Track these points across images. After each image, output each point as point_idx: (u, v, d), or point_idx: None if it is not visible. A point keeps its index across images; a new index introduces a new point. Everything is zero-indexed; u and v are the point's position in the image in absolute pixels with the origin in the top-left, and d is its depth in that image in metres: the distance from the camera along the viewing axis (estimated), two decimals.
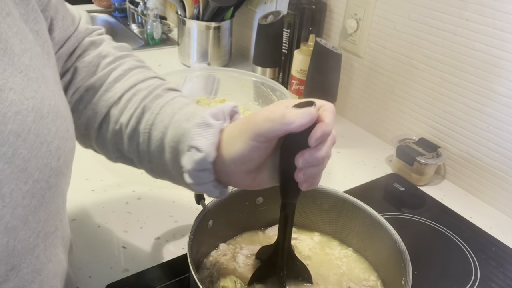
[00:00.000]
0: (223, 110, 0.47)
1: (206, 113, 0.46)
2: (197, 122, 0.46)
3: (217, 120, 0.46)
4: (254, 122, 0.43)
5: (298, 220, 0.64)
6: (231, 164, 0.44)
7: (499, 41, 0.77)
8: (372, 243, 0.61)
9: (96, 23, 1.77)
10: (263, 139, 0.42)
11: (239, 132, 0.44)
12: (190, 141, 0.45)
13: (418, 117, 0.95)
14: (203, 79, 1.07)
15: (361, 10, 1.01)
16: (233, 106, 0.48)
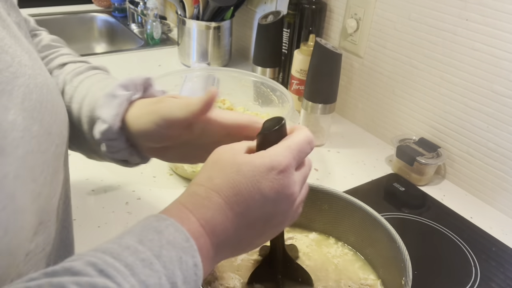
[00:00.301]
0: (135, 81, 0.48)
1: (116, 84, 0.47)
2: (106, 92, 0.47)
3: (127, 91, 0.47)
4: (165, 106, 0.45)
5: (297, 220, 0.63)
6: (136, 137, 0.47)
7: (499, 41, 0.77)
8: (372, 243, 0.61)
9: (96, 23, 1.77)
10: (165, 125, 0.44)
11: (148, 112, 0.45)
12: (97, 111, 0.46)
13: (418, 117, 0.95)
14: (203, 79, 1.07)
15: (361, 10, 1.01)
16: (146, 78, 0.50)
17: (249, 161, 0.37)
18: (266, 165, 0.37)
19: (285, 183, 0.37)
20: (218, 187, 0.37)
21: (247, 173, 0.37)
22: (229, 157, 0.38)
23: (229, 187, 0.37)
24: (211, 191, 0.37)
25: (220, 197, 0.37)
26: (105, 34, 1.77)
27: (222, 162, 0.38)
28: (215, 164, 0.39)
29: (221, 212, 0.36)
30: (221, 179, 0.37)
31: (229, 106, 1.01)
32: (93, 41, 1.77)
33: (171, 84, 1.00)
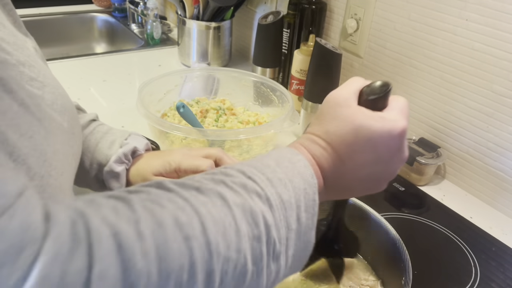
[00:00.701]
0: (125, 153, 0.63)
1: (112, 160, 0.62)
2: (107, 170, 0.62)
3: (121, 163, 0.63)
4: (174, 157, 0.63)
5: None
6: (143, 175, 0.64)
7: (499, 41, 0.77)
8: (372, 243, 0.61)
9: (96, 23, 1.77)
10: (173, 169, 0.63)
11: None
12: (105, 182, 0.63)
13: (418, 117, 0.95)
14: (203, 79, 1.07)
15: (361, 10, 1.01)
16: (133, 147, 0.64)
17: (369, 125, 0.40)
18: (385, 129, 0.40)
19: (401, 146, 0.41)
20: (335, 142, 0.41)
21: (365, 137, 0.40)
22: (347, 113, 0.41)
23: (345, 145, 0.41)
24: (329, 145, 0.42)
25: (336, 152, 0.41)
26: (105, 34, 1.77)
27: (340, 118, 0.41)
28: (332, 118, 0.42)
29: (335, 164, 0.41)
30: (338, 137, 0.41)
31: (229, 106, 1.01)
32: (93, 41, 1.77)
33: (171, 84, 1.00)
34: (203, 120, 0.94)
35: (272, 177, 0.36)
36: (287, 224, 0.35)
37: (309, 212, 0.37)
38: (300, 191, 0.37)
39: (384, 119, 0.40)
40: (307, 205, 0.37)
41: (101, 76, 1.24)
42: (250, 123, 0.95)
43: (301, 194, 0.37)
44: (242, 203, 0.33)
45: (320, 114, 0.44)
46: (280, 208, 0.35)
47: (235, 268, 0.31)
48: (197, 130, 0.80)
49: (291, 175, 0.37)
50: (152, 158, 0.65)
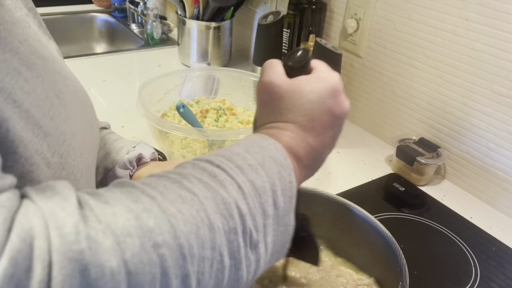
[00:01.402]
0: (130, 159, 0.63)
1: (116, 166, 0.63)
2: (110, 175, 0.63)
3: (126, 169, 0.64)
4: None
5: None
6: None
7: (499, 41, 0.77)
8: (367, 247, 0.61)
9: (96, 23, 1.77)
10: None
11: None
12: None
13: (418, 117, 0.95)
14: (203, 79, 1.07)
15: (361, 10, 1.00)
16: (138, 154, 0.65)
17: (314, 88, 0.41)
18: (329, 88, 0.41)
19: (345, 100, 0.43)
20: (293, 118, 0.41)
21: (317, 98, 0.41)
22: (289, 89, 0.42)
23: (302, 115, 0.41)
24: (288, 124, 0.41)
25: (299, 127, 0.41)
26: (105, 34, 1.77)
27: (285, 96, 0.42)
28: (278, 100, 0.42)
29: (302, 139, 0.41)
30: (293, 112, 0.41)
31: (229, 106, 1.01)
32: (93, 41, 1.77)
33: (171, 84, 1.00)
34: (203, 120, 0.94)
35: (242, 164, 0.35)
36: (263, 211, 0.34)
37: (286, 195, 0.36)
38: (274, 175, 0.36)
39: (321, 78, 0.42)
40: (284, 188, 0.36)
41: (101, 76, 1.24)
42: (250, 123, 0.95)
43: (276, 177, 0.36)
44: (213, 195, 0.32)
45: (263, 104, 0.44)
46: (254, 195, 0.34)
47: (211, 267, 0.30)
48: (197, 130, 0.80)
49: (261, 160, 0.36)
50: (154, 167, 0.66)
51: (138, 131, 0.94)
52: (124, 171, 0.64)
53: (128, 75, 1.30)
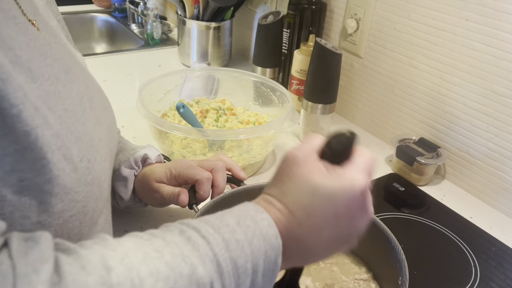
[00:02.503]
0: (136, 159, 0.65)
1: (122, 165, 0.64)
2: (116, 174, 0.64)
3: (131, 168, 0.65)
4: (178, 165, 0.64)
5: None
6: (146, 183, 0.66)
7: (499, 41, 0.77)
8: (367, 243, 0.61)
9: (96, 23, 1.77)
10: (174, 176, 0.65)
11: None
12: (115, 189, 0.65)
13: (418, 117, 0.95)
14: (203, 79, 1.07)
15: (361, 10, 1.01)
16: (144, 154, 0.66)
17: (326, 185, 0.37)
18: (344, 189, 0.37)
19: (363, 204, 0.38)
20: (291, 204, 0.38)
21: (322, 198, 0.37)
22: (303, 173, 0.38)
23: (301, 207, 0.37)
24: (285, 207, 0.38)
25: (292, 214, 0.38)
26: (105, 34, 1.77)
27: (296, 177, 0.38)
28: (288, 177, 0.39)
29: (292, 227, 0.37)
30: (293, 198, 0.38)
31: (229, 106, 1.01)
32: (93, 41, 1.77)
33: (171, 84, 1.00)
34: (203, 120, 0.94)
35: (229, 238, 0.34)
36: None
37: (267, 275, 0.35)
38: (259, 255, 0.35)
39: (342, 177, 0.37)
40: (266, 269, 0.35)
41: (101, 76, 1.23)
42: (250, 123, 0.95)
43: (261, 258, 0.35)
44: (189, 273, 0.31)
45: (277, 173, 0.40)
46: (232, 275, 0.33)
47: None
48: (197, 130, 0.80)
49: (251, 236, 0.35)
50: (157, 166, 0.67)
51: (138, 131, 0.94)
52: (129, 171, 0.65)
53: (128, 75, 1.30)
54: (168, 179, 0.64)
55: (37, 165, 0.33)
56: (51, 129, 0.34)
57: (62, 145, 0.35)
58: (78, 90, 0.40)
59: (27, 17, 0.40)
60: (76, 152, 0.36)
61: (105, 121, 0.45)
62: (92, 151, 0.39)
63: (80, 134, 0.37)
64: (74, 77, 0.40)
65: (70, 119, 0.36)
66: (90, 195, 0.38)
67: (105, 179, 0.42)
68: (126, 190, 0.66)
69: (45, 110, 0.34)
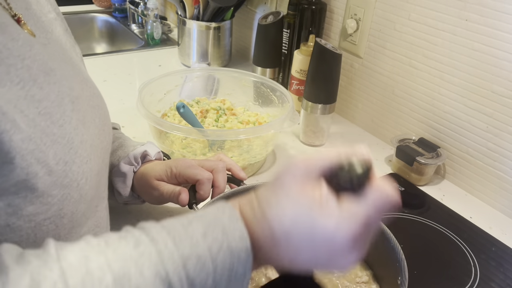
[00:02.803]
0: (135, 155, 0.65)
1: (121, 161, 0.64)
2: (115, 170, 0.64)
3: (130, 164, 0.65)
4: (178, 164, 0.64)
5: None
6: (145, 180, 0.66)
7: (499, 41, 0.77)
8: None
9: (96, 23, 1.77)
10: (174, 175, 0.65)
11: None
12: (114, 184, 0.66)
13: (418, 117, 0.96)
14: (203, 79, 1.07)
15: (361, 10, 1.01)
16: (143, 151, 0.66)
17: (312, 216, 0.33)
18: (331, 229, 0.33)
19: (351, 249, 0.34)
20: (274, 221, 0.35)
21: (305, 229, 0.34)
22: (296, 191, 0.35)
23: (283, 230, 0.34)
24: (265, 219, 0.35)
25: (272, 235, 0.35)
26: (106, 34, 1.77)
27: (288, 193, 0.35)
28: (281, 188, 0.35)
29: (267, 242, 0.35)
30: (279, 215, 0.35)
31: (229, 106, 1.01)
32: (93, 41, 1.77)
33: (171, 84, 1.00)
34: (203, 120, 0.94)
35: (189, 254, 0.32)
36: None
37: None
38: (223, 271, 0.33)
39: (338, 214, 0.33)
40: (232, 283, 0.33)
41: (101, 76, 1.24)
42: (250, 123, 0.95)
43: (225, 273, 0.33)
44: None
45: (275, 178, 0.37)
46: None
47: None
48: (197, 130, 0.80)
49: (216, 251, 0.32)
50: (157, 164, 0.67)
51: (138, 131, 0.94)
52: (128, 167, 0.65)
53: (128, 75, 1.30)
54: (168, 178, 0.64)
55: (4, 170, 0.32)
56: (21, 133, 0.33)
57: (35, 149, 0.34)
58: (59, 92, 0.39)
59: (13, 11, 0.40)
60: (52, 155, 0.36)
61: (93, 120, 0.44)
62: (71, 153, 0.38)
63: (57, 137, 0.37)
64: (56, 78, 0.39)
65: (45, 122, 0.36)
66: (67, 198, 0.38)
67: (87, 181, 0.40)
68: (124, 186, 0.66)
69: (15, 114, 0.33)
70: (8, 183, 0.33)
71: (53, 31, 0.47)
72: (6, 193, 0.33)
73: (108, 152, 0.50)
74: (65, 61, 0.45)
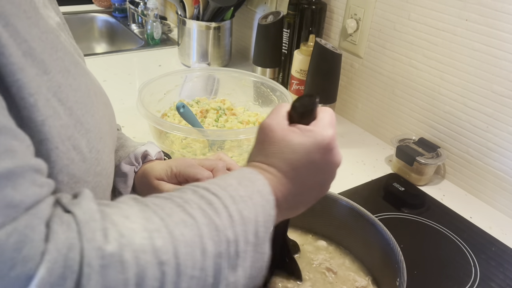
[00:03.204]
0: (136, 155, 0.65)
1: (122, 161, 0.64)
2: (116, 170, 0.63)
3: (131, 165, 0.65)
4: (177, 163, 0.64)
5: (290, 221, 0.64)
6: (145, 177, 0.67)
7: (499, 41, 0.77)
8: (365, 243, 0.61)
9: (96, 23, 1.77)
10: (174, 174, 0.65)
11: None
12: (115, 185, 0.66)
13: (418, 117, 0.96)
14: (203, 79, 1.07)
15: (361, 10, 1.01)
16: (144, 151, 0.66)
17: (302, 142, 0.43)
18: (316, 142, 0.43)
19: (334, 153, 0.44)
20: (278, 164, 0.43)
21: (302, 152, 0.43)
22: (281, 136, 0.44)
23: (285, 164, 0.43)
24: (273, 168, 0.43)
25: (281, 173, 0.43)
26: (106, 34, 1.77)
27: (276, 142, 0.44)
28: (269, 144, 0.44)
29: (282, 183, 0.43)
30: (279, 159, 0.43)
31: (229, 106, 1.01)
32: (93, 41, 1.77)
33: (171, 84, 1.00)
34: (203, 120, 0.94)
35: (235, 195, 0.39)
36: (245, 239, 0.38)
37: (266, 226, 0.40)
38: (259, 207, 0.40)
39: (313, 132, 0.43)
40: (265, 220, 0.40)
41: (101, 76, 1.24)
42: (250, 123, 0.95)
43: (260, 210, 0.40)
44: (208, 222, 0.36)
45: (257, 143, 0.46)
46: (241, 224, 0.38)
47: (198, 284, 0.34)
48: (197, 130, 0.80)
49: (251, 192, 0.40)
50: (158, 163, 0.67)
51: (138, 131, 0.94)
52: (129, 167, 0.65)
53: (128, 75, 1.30)
54: (168, 177, 0.64)
55: (52, 157, 0.35)
56: (60, 120, 0.36)
57: (71, 136, 0.37)
58: (86, 84, 0.41)
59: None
60: (85, 143, 0.38)
61: (105, 117, 0.47)
62: (101, 142, 0.41)
63: (90, 126, 0.39)
64: (82, 71, 0.42)
65: (80, 110, 0.39)
66: (99, 185, 0.41)
67: (111, 171, 0.44)
68: (126, 186, 0.66)
69: (55, 102, 0.36)
70: (54, 170, 0.35)
71: (60, 35, 0.48)
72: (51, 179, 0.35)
73: (114, 149, 0.52)
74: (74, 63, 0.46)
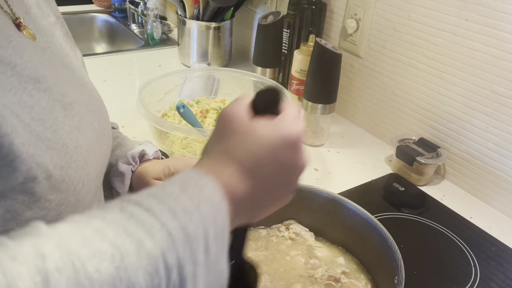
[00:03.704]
0: (133, 154, 0.65)
1: (119, 161, 0.64)
2: (113, 170, 0.64)
3: (128, 164, 0.64)
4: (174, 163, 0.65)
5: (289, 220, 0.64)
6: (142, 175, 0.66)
7: (499, 41, 0.77)
8: (363, 242, 0.61)
9: (96, 23, 1.77)
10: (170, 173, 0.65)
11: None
12: (112, 183, 0.65)
13: (418, 117, 0.96)
14: (203, 79, 1.07)
15: (361, 10, 1.01)
16: (141, 150, 0.65)
17: (267, 134, 0.39)
18: (284, 138, 0.39)
19: (300, 152, 0.41)
20: (239, 158, 0.39)
21: (268, 146, 0.39)
22: (244, 126, 0.39)
23: (247, 158, 0.39)
24: (232, 161, 0.39)
25: (241, 167, 0.38)
26: (106, 34, 1.77)
27: (239, 131, 0.39)
28: (230, 133, 0.40)
29: (242, 181, 0.38)
30: (240, 151, 0.39)
31: None
32: (93, 41, 1.77)
33: (171, 84, 1.00)
34: (203, 120, 0.94)
35: (176, 208, 0.32)
36: (193, 260, 0.31)
37: (219, 240, 0.34)
38: (208, 219, 0.34)
39: (279, 126, 0.39)
40: (217, 233, 0.34)
41: (101, 76, 1.24)
42: None
43: (210, 222, 0.34)
44: (137, 249, 0.29)
45: (216, 133, 0.41)
46: (184, 243, 0.31)
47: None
48: (197, 130, 0.80)
49: (197, 202, 0.34)
50: (155, 163, 0.67)
51: (138, 131, 0.94)
52: (126, 166, 0.65)
53: (128, 75, 1.30)
54: (166, 176, 0.64)
55: (3, 173, 0.33)
56: (21, 137, 0.33)
57: (34, 153, 0.34)
58: (49, 99, 0.38)
59: (15, 15, 0.40)
60: (49, 159, 0.36)
61: (91, 125, 0.44)
62: (66, 158, 0.38)
63: (51, 142, 0.37)
64: (47, 85, 0.39)
65: (39, 127, 0.36)
66: (64, 203, 0.37)
67: (84, 185, 0.40)
68: (123, 185, 0.66)
69: (13, 119, 0.33)
70: (7, 187, 0.33)
71: (53, 35, 0.47)
72: (4, 198, 0.33)
73: (107, 157, 0.49)
74: (64, 65, 0.45)
